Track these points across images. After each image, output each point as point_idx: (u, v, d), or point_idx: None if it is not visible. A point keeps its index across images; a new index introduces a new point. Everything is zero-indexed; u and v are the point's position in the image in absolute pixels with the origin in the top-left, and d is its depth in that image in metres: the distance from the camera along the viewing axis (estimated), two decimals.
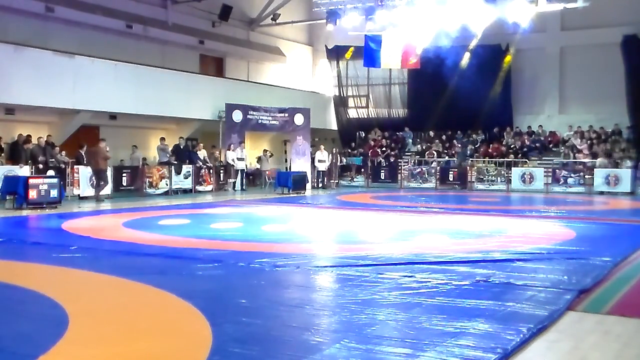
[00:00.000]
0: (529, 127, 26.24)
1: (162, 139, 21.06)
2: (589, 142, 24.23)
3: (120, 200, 17.08)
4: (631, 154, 22.99)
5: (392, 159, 26.46)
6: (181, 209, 15.22)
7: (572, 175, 22.44)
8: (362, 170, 25.96)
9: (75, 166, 17.44)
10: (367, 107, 30.31)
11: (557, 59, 26.47)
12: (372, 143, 27.63)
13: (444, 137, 27.21)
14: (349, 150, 27.99)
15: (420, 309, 5.45)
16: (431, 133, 27.53)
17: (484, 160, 25.06)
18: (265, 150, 24.73)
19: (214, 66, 26.91)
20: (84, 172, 17.27)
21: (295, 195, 20.52)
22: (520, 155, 24.81)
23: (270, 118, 23.96)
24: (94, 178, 17.14)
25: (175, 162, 20.28)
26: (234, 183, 22.40)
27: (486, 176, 24.13)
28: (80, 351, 4.31)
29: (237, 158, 22.32)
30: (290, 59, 29.90)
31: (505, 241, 9.54)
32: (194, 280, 6.73)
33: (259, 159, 24.44)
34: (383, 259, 7.85)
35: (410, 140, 28.04)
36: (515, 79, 26.92)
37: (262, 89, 25.49)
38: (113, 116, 20.76)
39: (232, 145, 22.43)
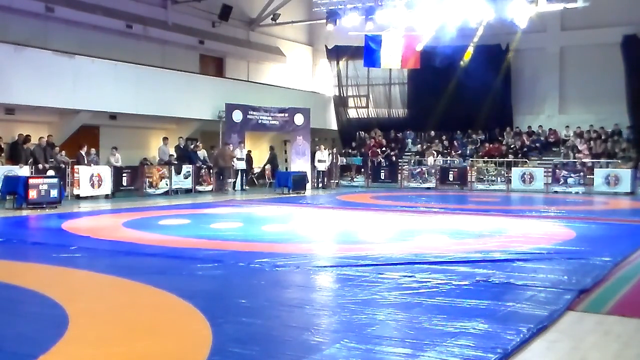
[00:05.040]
0: (529, 127, 26.25)
1: (165, 138, 21.08)
2: (589, 142, 24.24)
3: (120, 201, 17.09)
4: (631, 153, 23.01)
5: (393, 159, 26.48)
6: (181, 209, 15.22)
7: (572, 175, 22.44)
8: (362, 170, 25.96)
9: (75, 166, 17.44)
10: (367, 107, 30.31)
11: (557, 59, 26.46)
12: (372, 143, 27.62)
13: (444, 137, 27.20)
14: (349, 150, 27.99)
15: (420, 309, 5.45)
16: (432, 133, 27.53)
17: (484, 161, 25.07)
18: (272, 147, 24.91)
19: (214, 66, 26.90)
20: (84, 172, 17.28)
21: (295, 195, 20.51)
22: (520, 155, 24.81)
23: (270, 118, 23.95)
24: (219, 175, 20.91)
25: (176, 162, 20.30)
26: (234, 183, 22.41)
27: (486, 176, 24.13)
28: (80, 351, 4.31)
29: (237, 158, 22.32)
30: (290, 59, 29.89)
31: (505, 241, 9.54)
32: (194, 280, 6.73)
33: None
34: (383, 259, 7.85)
35: (410, 140, 28.04)
36: (515, 79, 26.93)
37: (262, 89, 25.49)
38: (113, 116, 20.76)
39: (232, 145, 22.43)
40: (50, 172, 16.33)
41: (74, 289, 6.44)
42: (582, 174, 22.35)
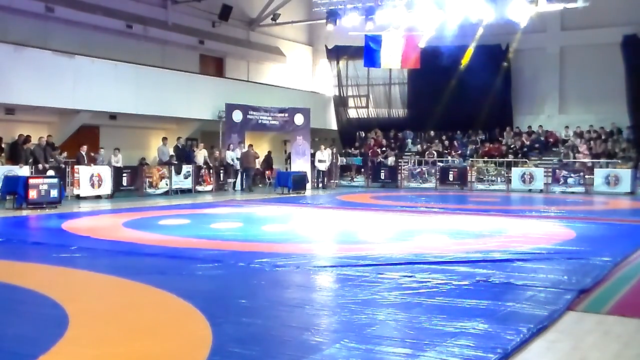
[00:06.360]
0: (529, 127, 26.24)
1: (164, 138, 21.07)
2: (589, 142, 24.23)
3: (120, 201, 17.08)
4: (631, 153, 23.00)
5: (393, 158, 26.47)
6: (181, 209, 15.22)
7: (572, 175, 22.43)
8: (362, 170, 25.96)
9: (75, 166, 17.44)
10: (367, 107, 30.31)
11: (557, 59, 26.46)
12: (372, 143, 27.61)
13: (444, 137, 27.20)
14: (349, 150, 27.97)
15: (420, 309, 5.45)
16: (431, 133, 27.53)
17: (484, 161, 25.06)
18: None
19: (214, 66, 26.91)
20: (84, 172, 17.27)
21: (295, 195, 20.51)
22: (520, 155, 24.81)
23: (270, 118, 23.95)
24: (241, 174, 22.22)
25: (176, 162, 20.30)
26: (234, 183, 22.41)
27: (486, 176, 24.12)
28: (80, 351, 4.31)
29: (237, 158, 22.31)
30: (290, 59, 29.90)
31: (505, 241, 9.54)
32: (194, 280, 6.73)
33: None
34: (383, 259, 7.85)
35: (410, 140, 28.03)
36: (515, 79, 26.92)
37: (262, 89, 25.49)
38: (113, 116, 20.76)
39: (231, 145, 22.44)
40: (50, 172, 16.33)
41: (74, 289, 6.44)
42: (582, 174, 22.34)
